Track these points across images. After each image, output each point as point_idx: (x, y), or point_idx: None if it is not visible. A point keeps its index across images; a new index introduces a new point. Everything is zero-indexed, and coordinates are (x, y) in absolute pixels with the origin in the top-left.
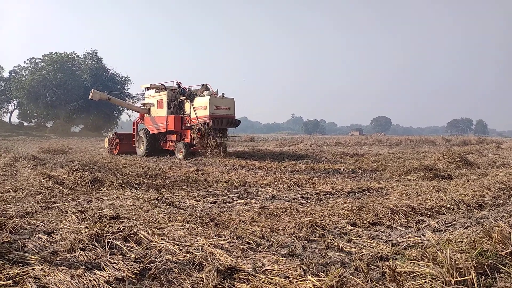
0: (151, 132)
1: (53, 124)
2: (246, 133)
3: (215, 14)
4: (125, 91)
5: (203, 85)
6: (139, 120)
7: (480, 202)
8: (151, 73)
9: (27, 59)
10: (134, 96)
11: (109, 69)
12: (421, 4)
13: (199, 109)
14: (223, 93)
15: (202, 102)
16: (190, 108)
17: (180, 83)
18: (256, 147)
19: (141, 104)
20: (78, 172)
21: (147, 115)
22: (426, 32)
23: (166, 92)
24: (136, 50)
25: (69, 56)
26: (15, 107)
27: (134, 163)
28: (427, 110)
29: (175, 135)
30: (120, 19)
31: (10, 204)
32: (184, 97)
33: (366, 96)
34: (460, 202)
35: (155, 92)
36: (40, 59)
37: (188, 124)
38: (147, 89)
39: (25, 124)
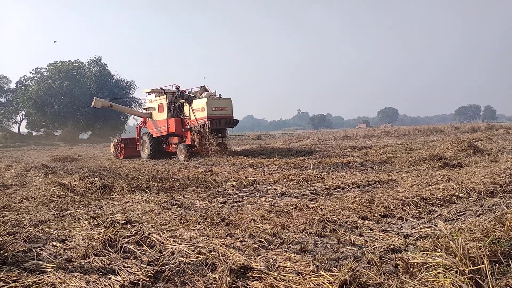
0: (154, 136)
1: (61, 132)
2: (253, 131)
3: (216, 12)
4: (131, 96)
5: (201, 87)
6: (142, 125)
7: (491, 189)
8: (156, 76)
9: (33, 69)
10: (139, 100)
11: (114, 75)
12: None
13: (197, 111)
14: (220, 94)
15: (200, 104)
16: (189, 110)
17: (179, 86)
18: (264, 145)
19: (143, 108)
20: (89, 178)
21: (149, 119)
22: (429, 18)
23: (165, 96)
24: (140, 54)
25: (74, 64)
26: (23, 118)
27: (143, 167)
28: (434, 99)
29: (177, 137)
30: (123, 23)
31: (23, 214)
32: (183, 100)
33: (371, 88)
34: (471, 190)
35: (156, 96)
36: (46, 68)
37: (188, 126)
38: (148, 94)
39: (34, 133)
